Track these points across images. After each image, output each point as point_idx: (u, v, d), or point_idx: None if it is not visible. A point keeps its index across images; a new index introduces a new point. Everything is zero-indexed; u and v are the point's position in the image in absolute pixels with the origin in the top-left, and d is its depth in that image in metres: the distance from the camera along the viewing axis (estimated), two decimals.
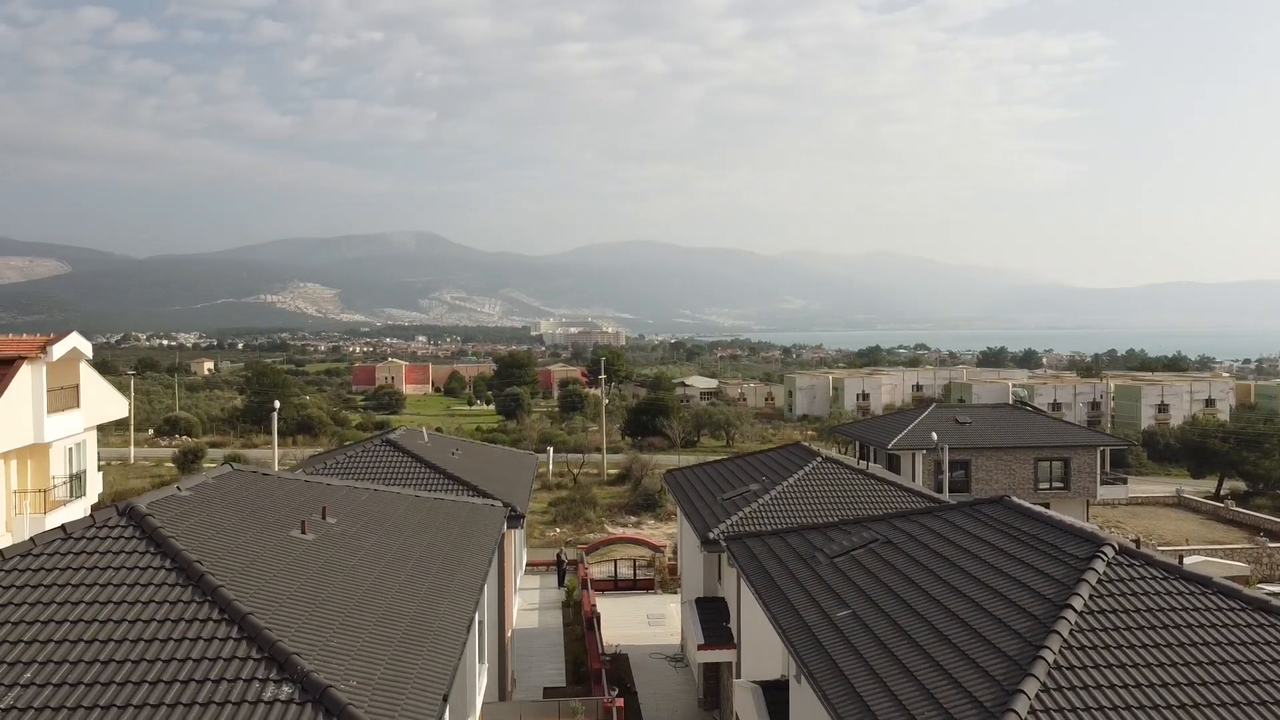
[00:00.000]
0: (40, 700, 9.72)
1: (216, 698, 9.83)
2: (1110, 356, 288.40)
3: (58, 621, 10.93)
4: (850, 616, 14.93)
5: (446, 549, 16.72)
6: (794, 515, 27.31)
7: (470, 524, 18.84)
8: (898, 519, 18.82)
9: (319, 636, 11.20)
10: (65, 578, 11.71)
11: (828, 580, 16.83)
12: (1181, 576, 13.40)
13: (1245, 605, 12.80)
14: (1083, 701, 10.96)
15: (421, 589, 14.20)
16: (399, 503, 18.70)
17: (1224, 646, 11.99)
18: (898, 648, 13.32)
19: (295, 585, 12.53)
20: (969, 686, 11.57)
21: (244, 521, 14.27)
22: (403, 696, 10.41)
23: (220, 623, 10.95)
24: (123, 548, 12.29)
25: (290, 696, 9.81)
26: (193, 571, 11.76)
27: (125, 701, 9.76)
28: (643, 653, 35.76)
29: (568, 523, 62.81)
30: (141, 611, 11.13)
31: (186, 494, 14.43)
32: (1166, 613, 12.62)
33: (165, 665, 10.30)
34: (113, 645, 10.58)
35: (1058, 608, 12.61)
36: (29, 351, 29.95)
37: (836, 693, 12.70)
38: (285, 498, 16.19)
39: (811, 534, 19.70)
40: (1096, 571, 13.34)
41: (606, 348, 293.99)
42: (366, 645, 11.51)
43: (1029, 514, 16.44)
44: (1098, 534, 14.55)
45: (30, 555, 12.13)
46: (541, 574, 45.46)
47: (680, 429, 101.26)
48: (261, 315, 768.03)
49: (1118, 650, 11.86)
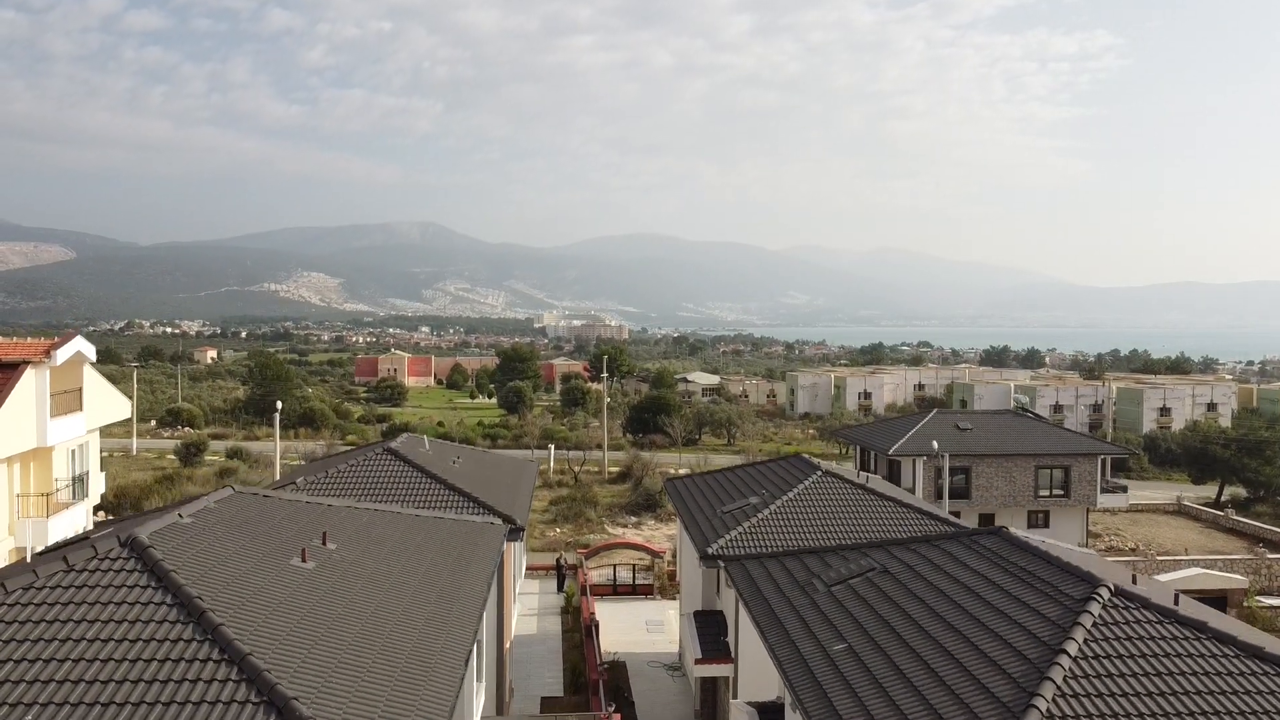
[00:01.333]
0: None
1: None
2: (1114, 356, 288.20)
3: (59, 660, 11.02)
4: (846, 651, 15.01)
5: (446, 573, 16.81)
6: (793, 531, 27.41)
7: (470, 544, 18.94)
8: (895, 547, 18.89)
9: (318, 677, 11.29)
10: (67, 613, 11.79)
11: (825, 609, 16.91)
12: (1177, 621, 13.46)
13: (1239, 653, 12.86)
14: None
15: (420, 618, 14.30)
16: (398, 523, 18.79)
17: (1217, 696, 12.05)
18: (891, 686, 13.40)
19: (295, 619, 12.61)
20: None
21: (244, 550, 14.36)
22: None
23: (220, 663, 11.03)
24: (124, 581, 12.37)
25: None
26: (194, 608, 11.84)
27: None
28: (641, 660, 35.89)
29: (568, 522, 62.95)
30: (143, 650, 11.21)
31: (188, 521, 14.52)
32: (1161, 659, 12.68)
33: (166, 708, 10.39)
34: (114, 686, 10.66)
35: (1053, 652, 12.68)
36: (33, 356, 30.05)
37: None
38: (286, 522, 16.28)
39: (810, 559, 19.79)
40: (1091, 614, 13.41)
41: (609, 341, 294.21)
42: (364, 684, 11.60)
43: (1026, 548, 16.50)
44: (1093, 575, 14.60)
45: (33, 589, 12.22)
46: (541, 579, 45.61)
47: (681, 427, 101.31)
48: (265, 304, 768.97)
49: (1111, 699, 11.93)
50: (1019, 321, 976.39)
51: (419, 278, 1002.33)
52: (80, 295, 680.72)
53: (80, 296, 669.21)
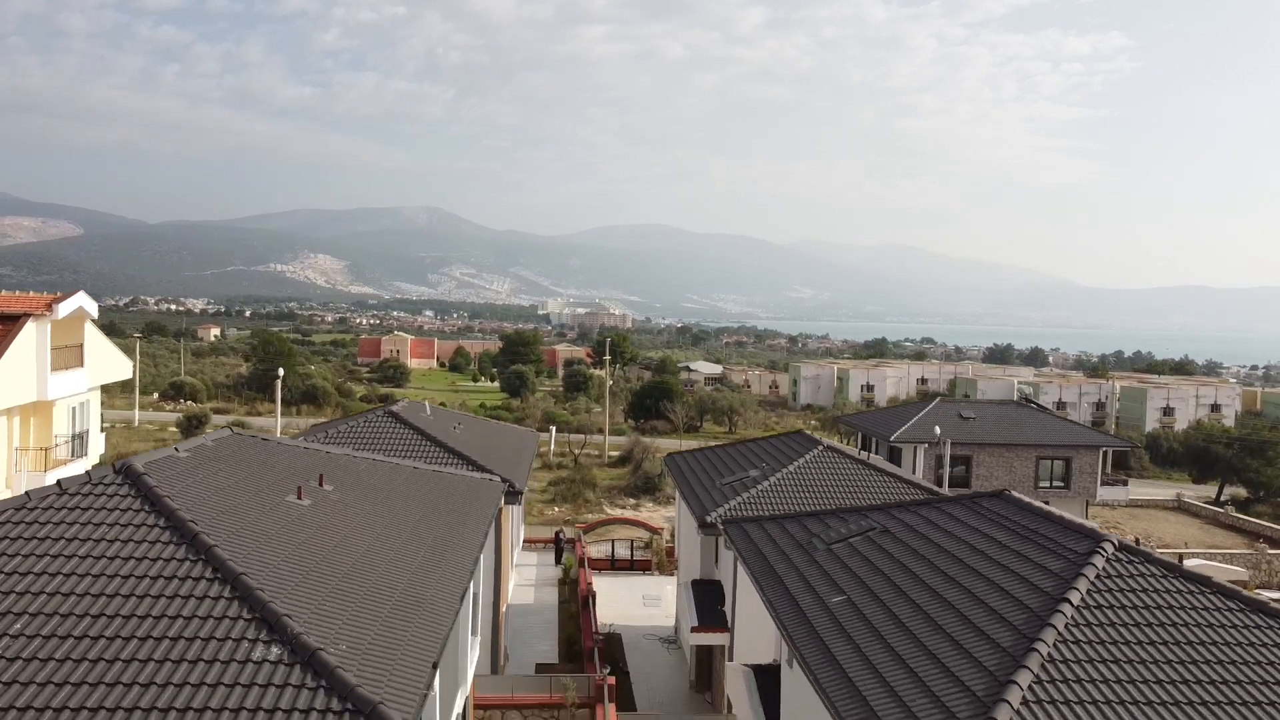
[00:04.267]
0: (29, 652, 9.70)
1: (205, 656, 9.81)
2: (1117, 357, 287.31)
3: (50, 574, 10.91)
4: (845, 603, 14.86)
5: (443, 520, 16.68)
6: (793, 502, 27.25)
7: (469, 497, 18.80)
8: (896, 509, 18.73)
9: (311, 601, 11.16)
10: (59, 532, 11.68)
11: (824, 566, 16.76)
12: (1181, 575, 13.30)
13: (1244, 606, 12.70)
14: (1075, 695, 10.88)
15: (416, 559, 14.16)
16: (398, 474, 18.66)
17: (1221, 646, 11.89)
18: (891, 635, 13.26)
19: (289, 550, 12.49)
20: (962, 676, 11.50)
21: (240, 485, 14.23)
22: (393, 662, 10.37)
23: (212, 582, 10.92)
24: (117, 505, 12.25)
25: (279, 657, 9.78)
26: (186, 531, 11.72)
27: (114, 656, 9.74)
28: (637, 633, 35.80)
29: (566, 502, 62.88)
30: (134, 568, 11.10)
31: (184, 455, 14.39)
32: (1164, 610, 12.52)
33: (155, 621, 10.28)
34: (104, 600, 10.56)
35: (1054, 601, 12.52)
36: (34, 309, 29.93)
37: (828, 677, 12.64)
38: (283, 463, 16.14)
39: (809, 520, 19.63)
40: (1095, 567, 13.25)
41: (613, 330, 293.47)
42: (358, 612, 11.47)
43: (1029, 509, 16.33)
44: (1097, 531, 14.44)
45: (25, 509, 12.10)
46: (539, 551, 45.51)
47: (683, 413, 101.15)
48: (271, 284, 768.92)
49: (1113, 646, 11.78)
50: (1024, 321, 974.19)
51: (425, 263, 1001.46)
52: (87, 271, 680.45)
53: (87, 272, 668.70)
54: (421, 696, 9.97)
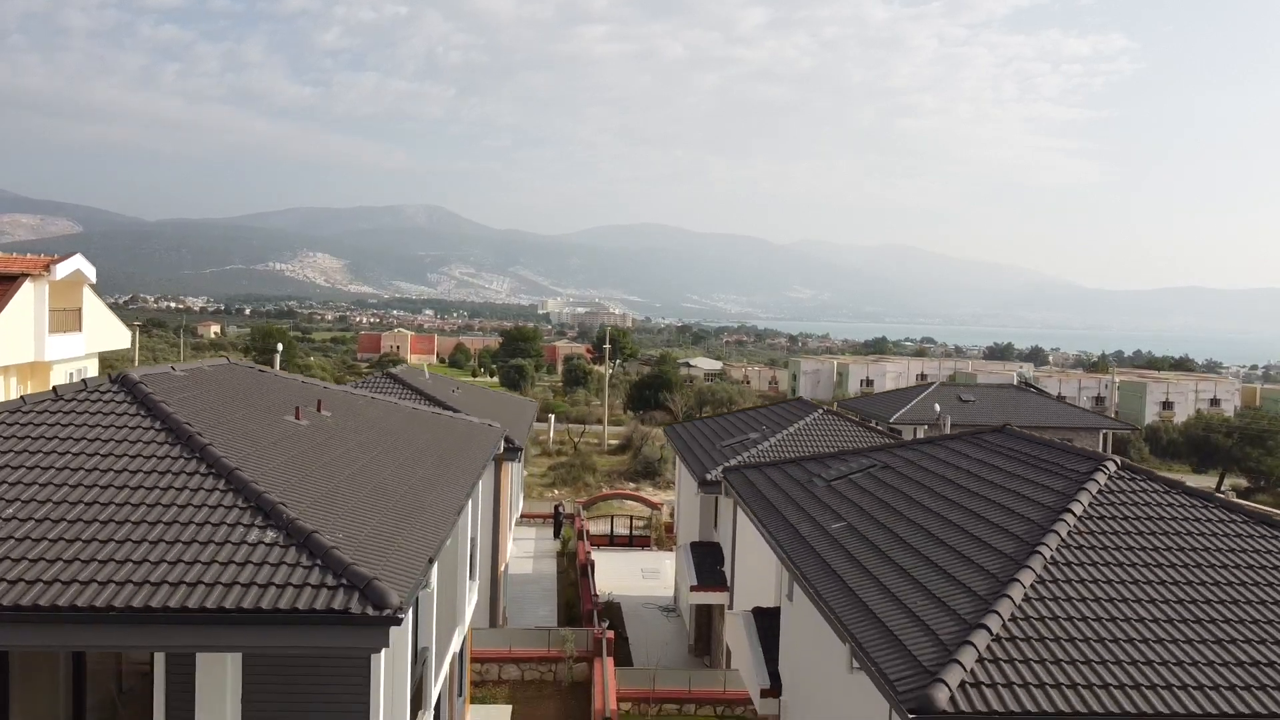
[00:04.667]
0: (21, 532, 9.60)
1: (200, 538, 9.71)
2: (1118, 357, 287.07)
3: (43, 468, 10.82)
4: (845, 528, 14.77)
5: (442, 449, 16.58)
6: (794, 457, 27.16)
7: (467, 435, 18.70)
8: (897, 448, 18.64)
9: (307, 498, 11.06)
10: (54, 432, 11.58)
11: (824, 499, 16.67)
12: (1184, 491, 13.21)
13: (1248, 519, 12.61)
14: (1078, 593, 10.80)
15: (414, 477, 14.06)
16: (397, 410, 18.57)
17: (1224, 553, 11.82)
18: (893, 551, 13.17)
19: (285, 458, 12.38)
20: (965, 581, 11.41)
21: (237, 402, 14.13)
22: (389, 553, 10.26)
23: (207, 476, 10.83)
24: (113, 409, 12.17)
25: (275, 540, 9.69)
26: (181, 432, 11.62)
27: (108, 537, 9.65)
28: (636, 603, 35.72)
29: (566, 485, 62.78)
30: (128, 464, 11.01)
31: (181, 374, 14.30)
32: (1167, 521, 12.44)
33: (150, 509, 10.18)
34: (97, 490, 10.47)
35: (1056, 513, 12.44)
36: (33, 269, 29.86)
37: (828, 589, 12.54)
38: (281, 389, 16.04)
39: (809, 463, 19.55)
40: (1098, 483, 13.17)
41: (613, 328, 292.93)
42: (355, 511, 11.37)
43: (1031, 439, 16.26)
44: (1100, 454, 14.35)
45: (20, 412, 12.01)
46: (538, 526, 45.47)
47: (682, 404, 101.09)
48: (270, 283, 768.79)
49: (1116, 551, 11.70)
50: (1024, 322, 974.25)
51: (424, 262, 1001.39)
52: None
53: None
54: (417, 582, 9.87)
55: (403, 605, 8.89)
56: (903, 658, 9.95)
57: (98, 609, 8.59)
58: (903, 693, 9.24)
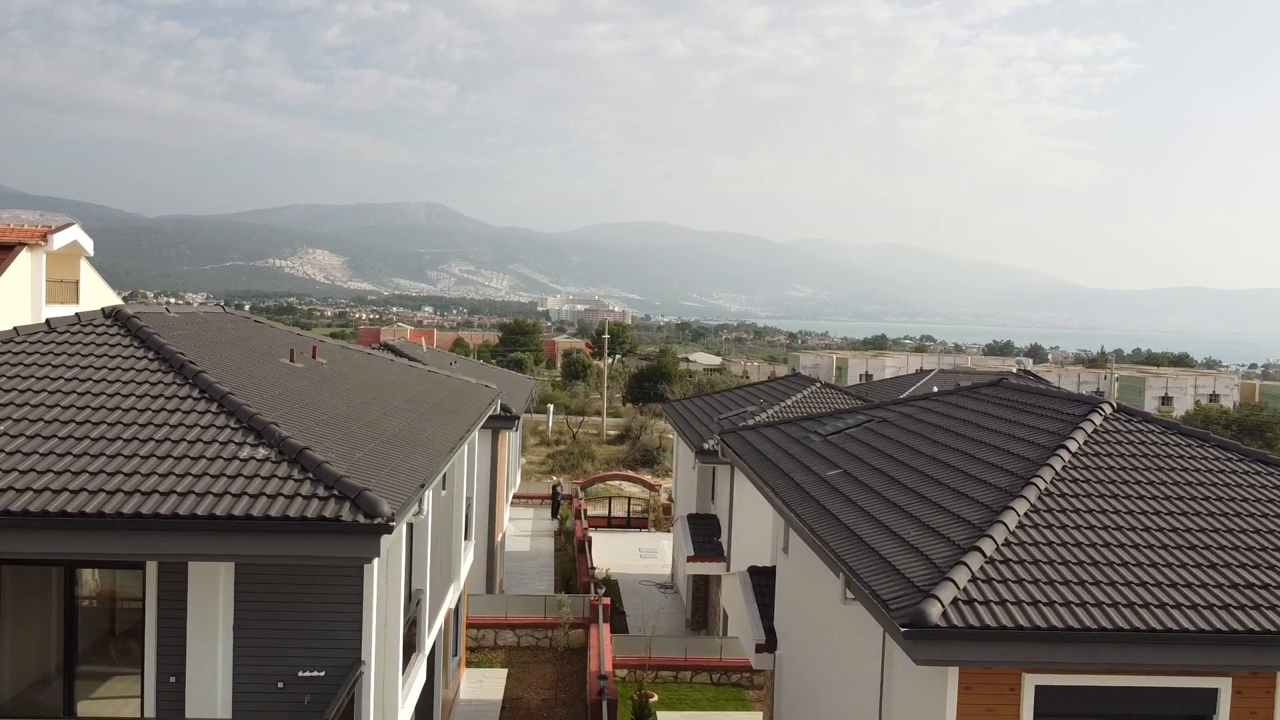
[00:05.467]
0: (13, 447, 9.59)
1: (192, 454, 9.71)
2: (1117, 356, 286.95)
3: (35, 391, 10.82)
4: (841, 475, 14.75)
5: (437, 399, 16.57)
6: None
7: (463, 392, 18.69)
8: (894, 404, 18.63)
9: (301, 425, 11.04)
10: (46, 360, 11.58)
11: (821, 452, 16.65)
12: (1179, 431, 13.21)
13: (1243, 456, 12.60)
14: (1073, 521, 10.79)
15: (409, 418, 14.05)
16: (392, 366, 18.55)
17: (1218, 487, 11.81)
18: (887, 492, 13.16)
19: (278, 391, 12.36)
20: (959, 512, 11.40)
21: (232, 344, 14.11)
22: (382, 474, 10.25)
23: (200, 399, 10.82)
24: (106, 341, 12.16)
25: (267, 456, 9.68)
26: (174, 360, 11.61)
27: (99, 452, 9.64)
28: (633, 580, 35.77)
29: (565, 472, 62.80)
30: (120, 389, 11.01)
31: (175, 316, 14.28)
32: (1162, 459, 12.43)
33: (141, 428, 10.18)
34: (89, 412, 10.47)
35: (1049, 451, 12.43)
36: (30, 238, 29.84)
37: (824, 527, 12.52)
38: (276, 338, 16.03)
39: (806, 423, 19.53)
40: (1093, 423, 13.16)
41: (613, 324, 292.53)
42: (349, 440, 11.35)
43: (1028, 389, 16.25)
44: (1096, 398, 14.35)
45: (13, 342, 11.99)
46: (536, 507, 45.51)
47: (681, 394, 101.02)
48: (270, 279, 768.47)
49: (1110, 485, 11.69)
50: (1023, 321, 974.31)
51: (424, 259, 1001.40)
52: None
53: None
54: (409, 498, 9.85)
55: (394, 516, 8.87)
56: (896, 580, 9.94)
57: (90, 515, 8.58)
58: (895, 610, 9.22)
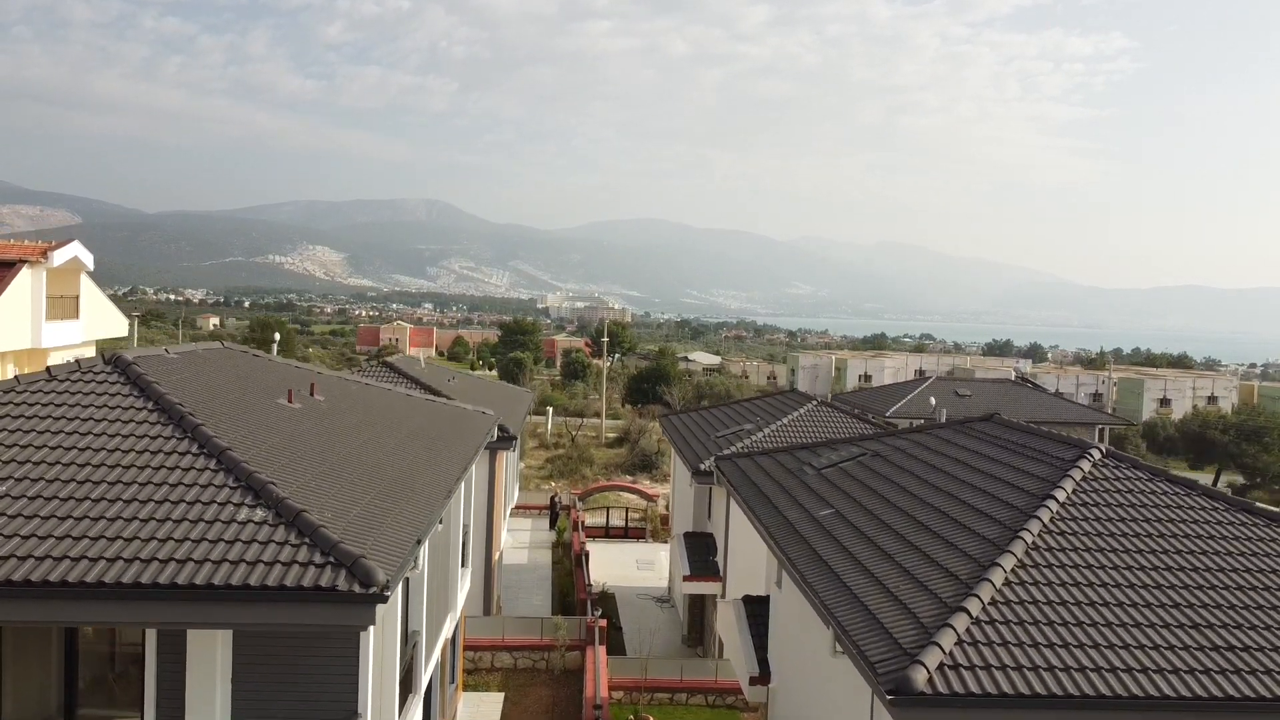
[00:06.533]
0: (14, 510, 9.72)
1: (191, 517, 9.84)
2: (1116, 354, 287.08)
3: (37, 447, 10.94)
4: (833, 515, 14.90)
5: (434, 433, 16.71)
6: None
7: (459, 421, 18.83)
8: (887, 436, 18.77)
9: (298, 479, 11.18)
10: (48, 411, 11.71)
11: (814, 488, 16.80)
12: (1167, 479, 13.34)
13: (1229, 506, 12.75)
14: (1059, 578, 10.93)
15: (405, 459, 14.19)
16: (390, 396, 18.69)
17: (1205, 539, 11.95)
18: (878, 537, 13.30)
19: (277, 440, 12.50)
20: (947, 565, 11.54)
21: (230, 386, 14.25)
22: (378, 532, 10.39)
23: (198, 456, 10.95)
24: (106, 389, 12.29)
25: (264, 519, 9.81)
26: (174, 412, 11.75)
27: (99, 515, 9.78)
28: (630, 593, 35.89)
29: (563, 478, 62.93)
30: (121, 444, 11.14)
31: (174, 357, 14.41)
32: (1150, 508, 12.57)
33: (141, 488, 10.31)
34: (89, 469, 10.59)
35: (1039, 499, 12.57)
36: (30, 255, 29.94)
37: (814, 574, 12.67)
38: (274, 373, 16.17)
39: (801, 452, 19.68)
40: (1081, 470, 13.30)
41: (612, 323, 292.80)
42: (345, 491, 11.50)
43: (1018, 428, 16.39)
44: (1085, 441, 14.49)
45: (14, 392, 12.12)
46: (534, 517, 45.65)
47: (681, 397, 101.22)
48: (270, 275, 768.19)
49: (1097, 537, 11.83)
50: (1023, 320, 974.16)
51: (424, 255, 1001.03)
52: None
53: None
54: (405, 561, 9.99)
55: (389, 583, 9.01)
56: (884, 640, 10.08)
57: (90, 585, 8.72)
58: (882, 675, 9.36)
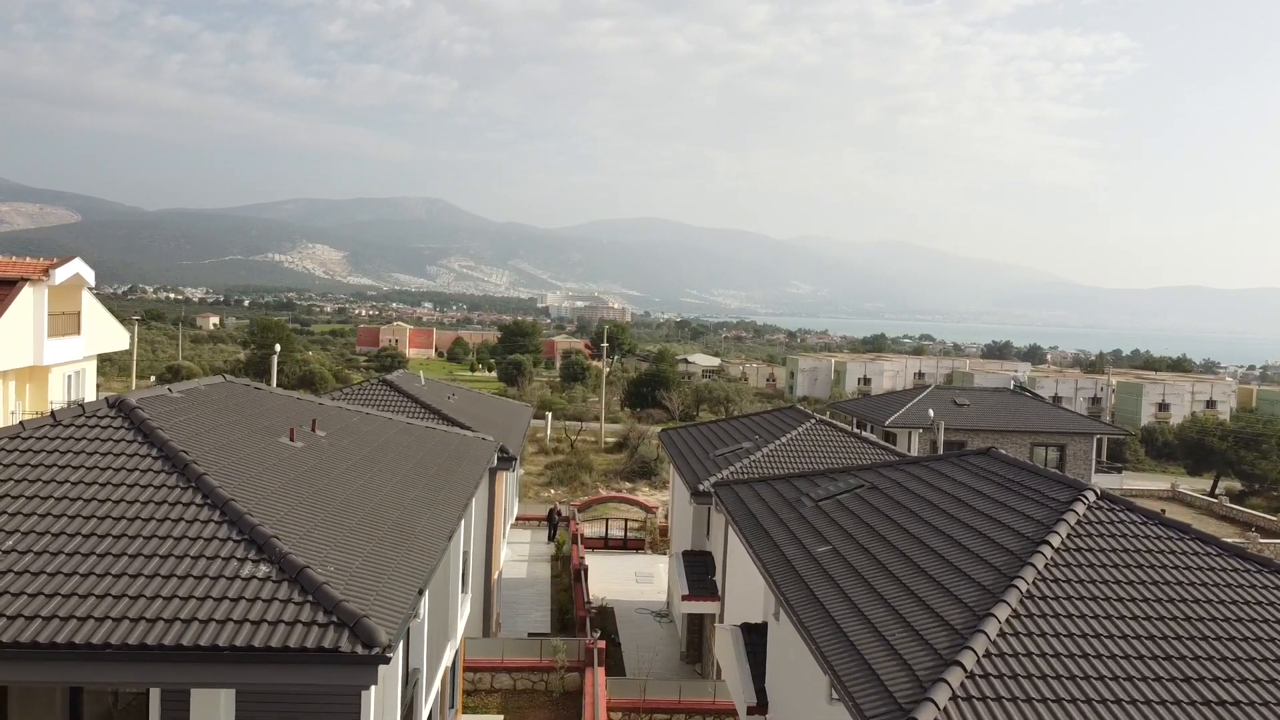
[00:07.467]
0: (20, 566, 9.83)
1: (195, 572, 9.94)
2: (1115, 356, 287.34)
3: (42, 498, 11.05)
4: (830, 552, 15.02)
5: (435, 469, 16.83)
6: (785, 470, 27.41)
7: (460, 451, 18.95)
8: (884, 467, 18.89)
9: (300, 528, 11.30)
10: (52, 460, 11.81)
11: (811, 521, 16.92)
12: (1161, 523, 13.47)
13: (1222, 551, 12.87)
14: (1053, 629, 11.05)
15: (406, 499, 14.31)
16: (390, 427, 18.81)
17: (1198, 587, 12.08)
18: (874, 578, 13.42)
19: (279, 483, 12.62)
20: (942, 613, 11.66)
21: (232, 425, 14.36)
22: (379, 584, 10.51)
23: (202, 507, 11.06)
24: (110, 436, 12.39)
25: (267, 575, 9.92)
26: (178, 460, 11.86)
27: (104, 571, 9.88)
28: (629, 607, 35.99)
29: (563, 485, 63.08)
30: (125, 494, 11.24)
31: (177, 395, 14.53)
32: (1144, 554, 12.70)
33: (145, 541, 10.42)
34: (94, 522, 10.69)
35: (1034, 544, 12.69)
36: (32, 274, 30.08)
37: (811, 618, 12.79)
38: (276, 409, 16.29)
39: (799, 481, 19.80)
40: (1076, 513, 13.42)
41: (612, 323, 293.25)
42: (347, 540, 11.61)
43: (1014, 463, 16.51)
44: (1080, 482, 14.61)
45: (19, 439, 12.23)
46: (533, 529, 45.76)
47: (680, 402, 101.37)
48: (269, 274, 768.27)
49: (1091, 585, 11.95)
50: (1022, 320, 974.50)
51: (424, 254, 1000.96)
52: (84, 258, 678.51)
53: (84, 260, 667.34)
54: (406, 616, 10.11)
55: (391, 644, 9.13)
56: (879, 693, 10.20)
57: (95, 646, 8.83)
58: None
